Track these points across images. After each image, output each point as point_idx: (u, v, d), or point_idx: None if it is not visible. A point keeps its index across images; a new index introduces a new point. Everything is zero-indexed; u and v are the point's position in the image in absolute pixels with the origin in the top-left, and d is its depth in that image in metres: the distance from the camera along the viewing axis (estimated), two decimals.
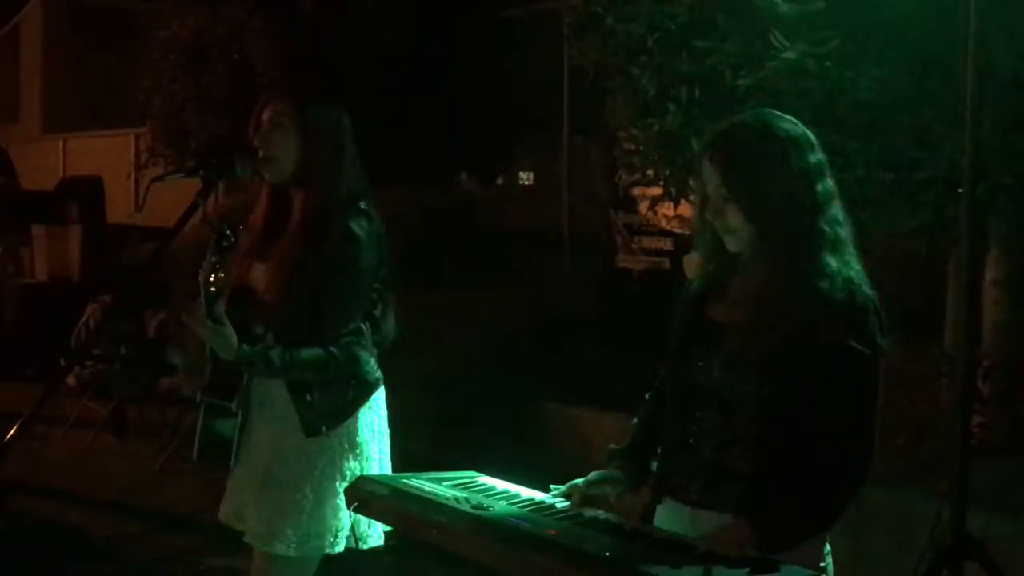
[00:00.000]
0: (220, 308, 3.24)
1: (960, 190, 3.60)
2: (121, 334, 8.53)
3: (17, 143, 17.20)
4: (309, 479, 3.37)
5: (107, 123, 16.68)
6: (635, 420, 2.87)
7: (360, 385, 3.45)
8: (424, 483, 2.74)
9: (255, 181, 3.60)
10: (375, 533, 3.46)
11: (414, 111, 9.64)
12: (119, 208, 14.08)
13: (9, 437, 2.97)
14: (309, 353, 3.32)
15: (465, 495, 2.65)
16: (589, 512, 2.61)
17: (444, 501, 2.60)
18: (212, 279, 3.23)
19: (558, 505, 2.66)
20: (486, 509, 2.55)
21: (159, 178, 3.61)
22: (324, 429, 3.38)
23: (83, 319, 9.64)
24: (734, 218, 2.57)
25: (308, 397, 3.36)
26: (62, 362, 8.53)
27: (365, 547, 3.48)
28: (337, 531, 3.39)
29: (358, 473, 3.38)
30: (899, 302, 2.67)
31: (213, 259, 3.22)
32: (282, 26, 9.80)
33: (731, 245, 2.62)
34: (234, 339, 3.26)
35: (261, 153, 3.42)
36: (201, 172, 3.41)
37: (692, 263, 2.78)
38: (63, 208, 12.40)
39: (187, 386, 7.82)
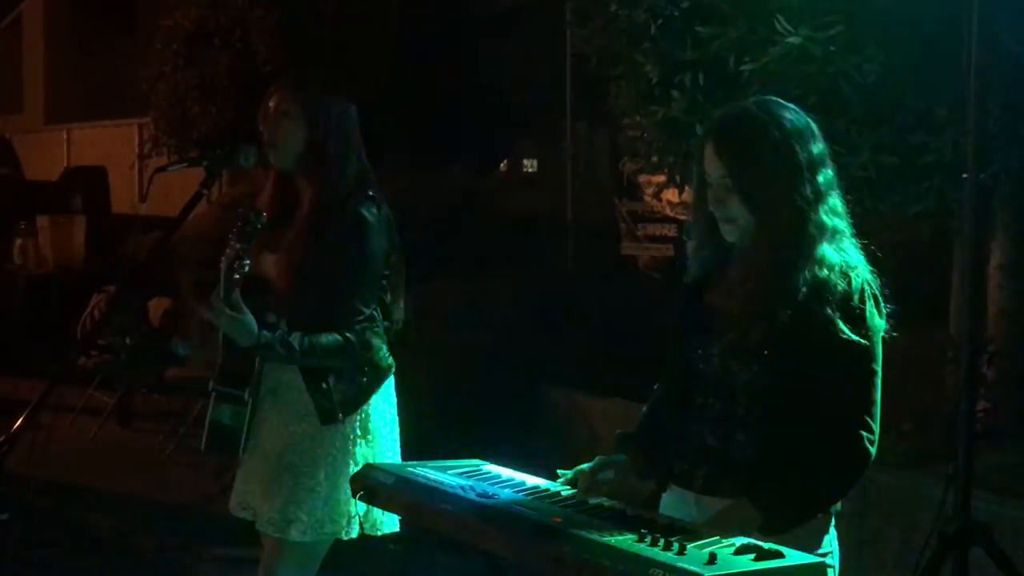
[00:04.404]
0: (238, 295, 3.24)
1: (965, 175, 3.59)
2: (126, 324, 8.53)
3: (21, 134, 17.16)
4: (323, 465, 3.38)
5: (111, 113, 16.64)
6: (645, 408, 2.87)
7: (374, 371, 3.46)
8: (429, 471, 2.75)
9: (259, 170, 3.61)
10: (390, 519, 3.46)
11: (416, 99, 9.62)
12: (123, 198, 14.07)
13: (15, 428, 2.97)
14: (327, 339, 3.33)
15: (470, 483, 2.65)
16: (594, 499, 2.61)
17: (449, 489, 2.61)
18: (236, 266, 3.23)
19: (563, 492, 2.66)
20: (491, 497, 2.56)
21: (163, 168, 3.61)
22: (340, 416, 3.39)
23: (88, 309, 9.63)
24: (736, 208, 2.58)
25: (324, 384, 3.37)
26: (67, 353, 8.53)
27: (379, 534, 3.49)
28: (350, 517, 3.40)
29: (370, 459, 3.40)
30: (904, 287, 2.66)
31: (237, 247, 3.23)
32: (284, 14, 9.77)
33: (729, 234, 2.62)
34: (254, 325, 3.28)
35: (268, 141, 3.43)
36: (205, 162, 3.41)
37: (690, 249, 2.78)
38: (67, 198, 12.42)
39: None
